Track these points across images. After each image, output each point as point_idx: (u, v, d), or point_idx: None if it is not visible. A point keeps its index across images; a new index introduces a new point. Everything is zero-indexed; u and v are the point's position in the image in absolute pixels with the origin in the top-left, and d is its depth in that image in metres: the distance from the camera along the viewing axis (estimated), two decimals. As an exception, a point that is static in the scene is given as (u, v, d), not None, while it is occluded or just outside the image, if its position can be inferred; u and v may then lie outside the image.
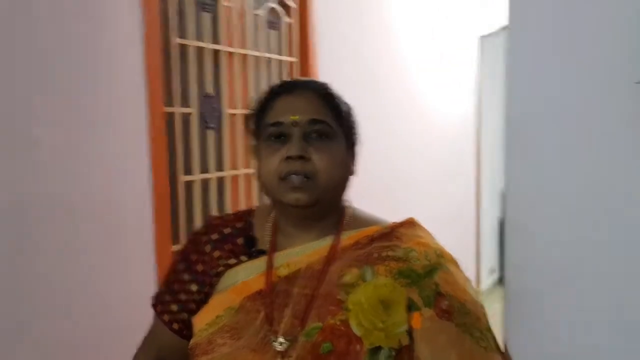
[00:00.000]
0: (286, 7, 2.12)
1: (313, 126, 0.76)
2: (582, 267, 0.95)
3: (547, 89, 0.94)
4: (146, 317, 0.88)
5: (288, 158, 0.74)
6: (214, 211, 1.80)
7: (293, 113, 0.76)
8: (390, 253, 0.75)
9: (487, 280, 4.35)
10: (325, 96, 0.79)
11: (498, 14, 3.64)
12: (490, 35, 3.85)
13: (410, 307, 0.70)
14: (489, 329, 0.74)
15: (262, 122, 0.80)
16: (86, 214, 1.33)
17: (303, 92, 0.79)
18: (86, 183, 1.33)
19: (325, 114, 0.77)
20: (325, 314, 0.72)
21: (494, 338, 0.74)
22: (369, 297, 0.70)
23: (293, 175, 0.73)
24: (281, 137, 0.76)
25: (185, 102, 1.68)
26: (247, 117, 0.86)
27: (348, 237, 0.78)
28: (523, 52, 0.94)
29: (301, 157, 0.73)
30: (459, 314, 0.71)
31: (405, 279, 0.72)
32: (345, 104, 0.82)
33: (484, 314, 0.75)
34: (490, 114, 4.18)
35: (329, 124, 0.77)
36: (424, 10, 3.13)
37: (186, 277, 0.82)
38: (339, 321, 0.70)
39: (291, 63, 2.14)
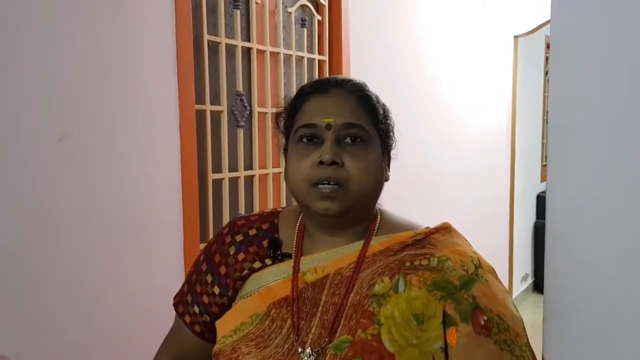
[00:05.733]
0: (317, 5, 2.09)
1: (347, 130, 0.72)
2: (629, 281, 0.88)
3: (594, 92, 0.87)
4: (172, 313, 0.87)
5: (320, 163, 0.70)
6: (242, 210, 1.79)
7: (326, 115, 0.72)
8: (423, 262, 0.71)
9: (520, 286, 4.22)
10: (361, 98, 0.75)
11: (534, 13, 3.52)
12: (525, 34, 3.72)
13: (446, 321, 0.67)
14: (528, 346, 0.70)
15: (293, 122, 0.76)
16: (115, 209, 1.34)
17: (338, 92, 0.75)
18: (116, 178, 1.34)
19: (361, 117, 0.73)
20: (355, 326, 0.68)
21: (533, 355, 0.70)
22: (402, 310, 0.67)
23: (324, 184, 0.70)
24: (313, 140, 0.72)
25: (215, 100, 1.68)
26: (277, 115, 0.83)
27: (379, 243, 0.75)
28: (566, 51, 0.87)
29: (334, 163, 0.70)
30: (498, 329, 0.67)
31: (440, 291, 0.68)
32: (383, 105, 0.79)
33: (524, 329, 0.71)
34: (525, 115, 4.04)
35: (365, 128, 0.73)
36: (457, 9, 3.04)
37: (209, 278, 0.81)
38: (370, 335, 0.67)
39: (321, 62, 2.11)
